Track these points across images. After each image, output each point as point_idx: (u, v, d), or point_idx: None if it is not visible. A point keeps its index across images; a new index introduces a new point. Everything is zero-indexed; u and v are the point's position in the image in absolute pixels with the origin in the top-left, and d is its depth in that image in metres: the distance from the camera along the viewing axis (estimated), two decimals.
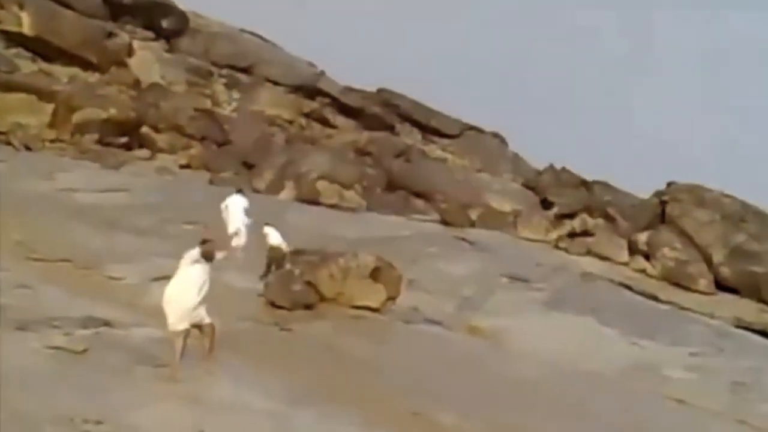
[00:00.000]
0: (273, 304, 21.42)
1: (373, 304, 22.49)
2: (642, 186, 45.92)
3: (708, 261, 38.30)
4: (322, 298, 22.19)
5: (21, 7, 47.38)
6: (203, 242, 16.07)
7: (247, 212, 27.30)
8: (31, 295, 18.19)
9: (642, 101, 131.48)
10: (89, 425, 12.75)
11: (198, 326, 15.84)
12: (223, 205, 27.48)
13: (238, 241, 26.40)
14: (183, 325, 15.56)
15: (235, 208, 27.22)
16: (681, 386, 24.00)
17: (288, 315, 21.04)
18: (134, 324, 17.58)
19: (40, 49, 47.42)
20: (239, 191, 28.55)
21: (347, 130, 53.52)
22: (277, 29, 61.89)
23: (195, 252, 15.85)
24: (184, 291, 15.65)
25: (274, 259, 23.50)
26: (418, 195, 45.00)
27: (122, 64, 50.45)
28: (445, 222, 38.98)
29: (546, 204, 46.14)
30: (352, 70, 60.89)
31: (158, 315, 15.90)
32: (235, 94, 53.77)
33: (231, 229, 26.51)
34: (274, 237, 23.93)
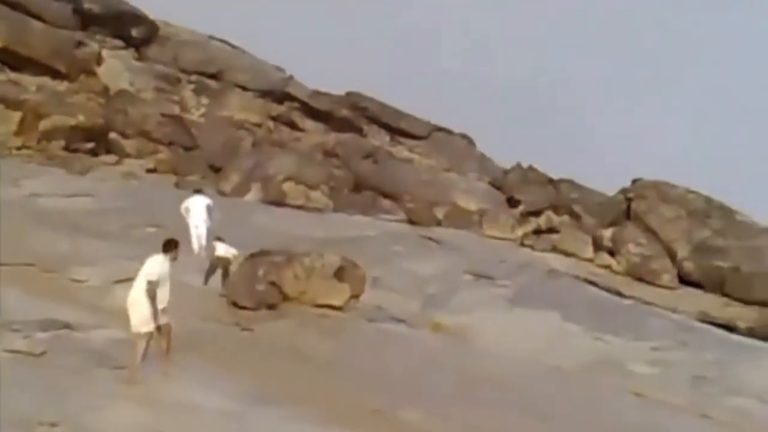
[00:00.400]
0: (236, 305, 21.52)
1: (337, 303, 22.57)
2: (608, 184, 46.18)
3: (672, 256, 38.59)
4: (286, 298, 22.28)
5: None
6: (166, 244, 16.16)
7: (210, 211, 27.48)
8: None
9: (607, 99, 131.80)
10: (44, 427, 12.86)
11: (157, 326, 15.78)
12: (183, 207, 27.68)
13: (200, 241, 26.60)
14: (146, 328, 15.55)
15: (196, 208, 27.40)
16: (644, 381, 24.14)
17: (250, 315, 21.12)
18: (95, 326, 17.66)
19: (9, 59, 47.34)
20: (198, 191, 28.76)
21: (315, 133, 53.66)
22: (245, 35, 61.81)
23: (159, 256, 15.99)
24: (140, 298, 15.66)
25: (218, 267, 23.44)
26: (385, 195, 45.17)
27: (91, 73, 50.38)
28: (411, 221, 39.17)
29: (512, 202, 46.39)
30: (320, 74, 60.87)
31: (120, 317, 15.99)
32: (204, 100, 53.82)
33: (191, 230, 26.72)
34: (220, 248, 23.74)
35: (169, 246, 16.11)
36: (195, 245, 26.66)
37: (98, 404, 14.06)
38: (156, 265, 15.85)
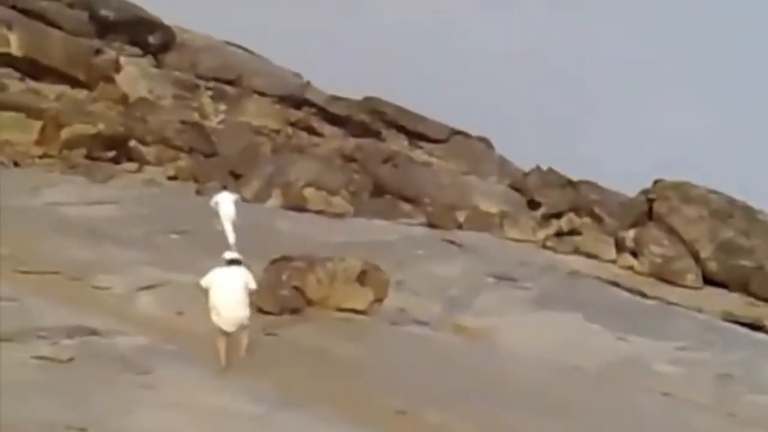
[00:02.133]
0: (260, 310, 21.52)
1: (360, 307, 22.63)
2: (629, 185, 46.03)
3: (695, 256, 38.42)
4: (309, 303, 22.34)
5: (9, 28, 47.66)
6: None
7: (237, 206, 28.16)
8: (18, 307, 18.33)
9: (629, 99, 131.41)
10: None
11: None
12: (212, 202, 28.32)
13: (230, 240, 26.71)
14: (233, 329, 17.29)
15: (225, 204, 27.94)
16: (668, 380, 24.09)
17: (275, 320, 21.13)
18: (120, 333, 17.75)
19: (29, 68, 47.63)
20: (225, 187, 29.34)
21: (334, 138, 53.78)
22: (262, 41, 62.05)
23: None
24: (237, 299, 17.37)
25: None
26: (405, 199, 45.21)
27: (110, 80, 50.67)
28: (432, 225, 39.13)
29: (533, 204, 46.33)
30: (338, 79, 60.95)
31: (145, 323, 16.15)
32: (222, 106, 54.01)
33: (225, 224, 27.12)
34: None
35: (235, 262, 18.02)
36: (231, 239, 26.87)
37: (126, 409, 14.11)
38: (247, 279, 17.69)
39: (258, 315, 21.16)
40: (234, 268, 17.72)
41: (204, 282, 17.69)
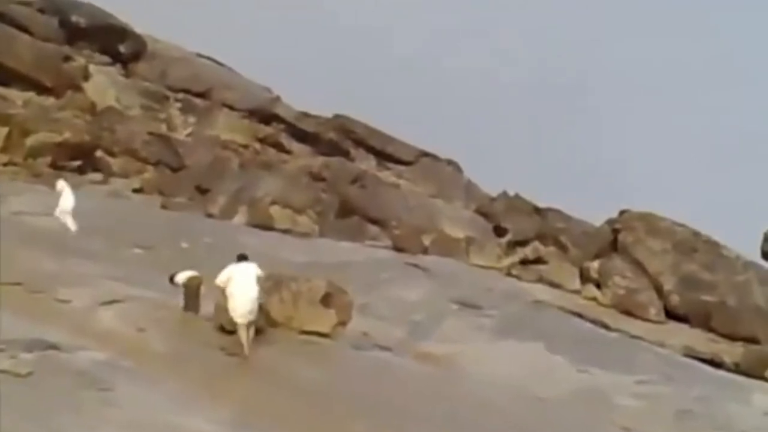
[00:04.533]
0: (221, 329, 21.34)
1: (323, 329, 22.46)
2: (594, 213, 46.20)
3: (659, 290, 38.50)
4: (272, 323, 22.14)
5: None
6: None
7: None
8: None
9: (595, 127, 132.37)
10: None
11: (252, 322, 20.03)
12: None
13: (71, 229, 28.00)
14: (247, 319, 19.84)
15: (66, 194, 29.00)
16: (629, 413, 24.16)
17: (236, 340, 20.96)
18: (80, 347, 17.53)
19: None
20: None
21: (302, 156, 53.69)
22: (233, 54, 61.95)
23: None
24: (249, 293, 20.01)
25: (189, 288, 22.74)
26: (372, 221, 45.13)
27: (78, 88, 50.32)
28: (398, 248, 39.04)
29: (499, 231, 46.41)
30: (308, 96, 61.02)
31: (106, 339, 15.94)
32: (191, 119, 53.81)
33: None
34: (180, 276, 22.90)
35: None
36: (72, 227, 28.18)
37: (85, 425, 14.02)
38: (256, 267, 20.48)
39: (219, 334, 21.08)
40: (243, 264, 20.56)
41: (220, 281, 20.15)
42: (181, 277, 22.32)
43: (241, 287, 20.02)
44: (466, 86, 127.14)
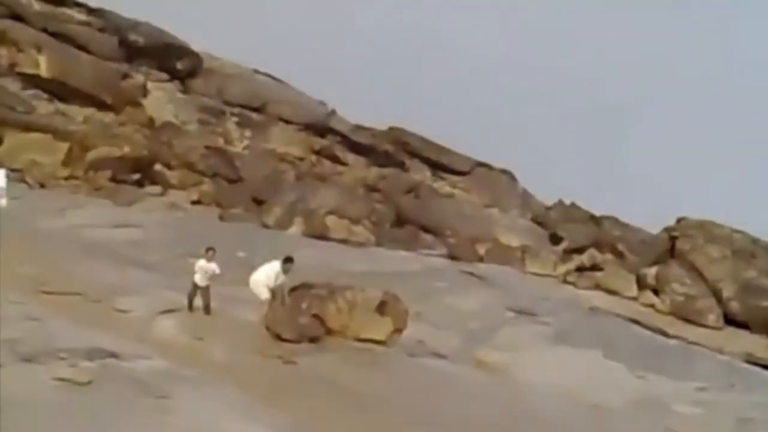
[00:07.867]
0: (278, 337, 21.53)
1: (379, 337, 22.56)
2: (651, 221, 45.91)
3: (718, 296, 38.21)
4: (329, 331, 22.29)
5: (39, 50, 48.24)
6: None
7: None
8: (40, 327, 18.33)
9: (652, 136, 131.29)
10: None
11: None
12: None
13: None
14: (264, 296, 22.02)
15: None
16: (688, 421, 23.87)
17: (293, 348, 21.10)
18: (139, 356, 17.73)
19: (57, 90, 48.15)
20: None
21: (357, 168, 53.91)
22: (288, 70, 62.37)
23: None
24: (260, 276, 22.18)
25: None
26: (427, 230, 45.24)
27: (137, 104, 51.13)
28: (453, 257, 39.09)
29: (554, 239, 46.29)
30: (364, 108, 61.20)
31: (164, 347, 16.10)
32: (247, 133, 54.28)
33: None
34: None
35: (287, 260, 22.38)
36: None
37: None
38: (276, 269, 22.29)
39: (276, 342, 21.27)
40: (267, 264, 22.59)
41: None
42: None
43: (257, 275, 22.47)
44: (523, 100, 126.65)
